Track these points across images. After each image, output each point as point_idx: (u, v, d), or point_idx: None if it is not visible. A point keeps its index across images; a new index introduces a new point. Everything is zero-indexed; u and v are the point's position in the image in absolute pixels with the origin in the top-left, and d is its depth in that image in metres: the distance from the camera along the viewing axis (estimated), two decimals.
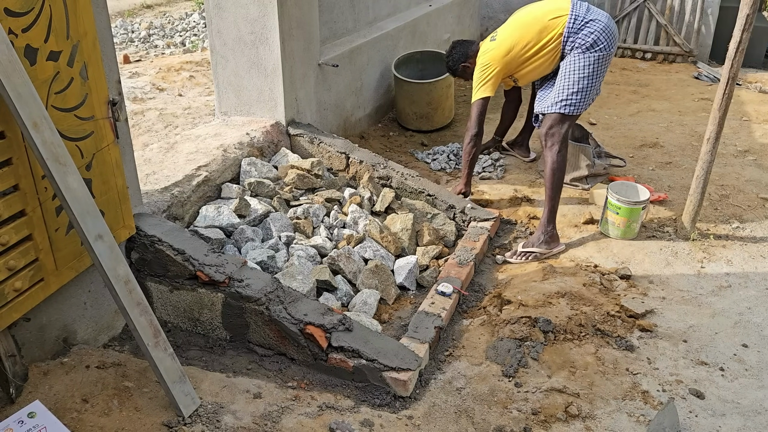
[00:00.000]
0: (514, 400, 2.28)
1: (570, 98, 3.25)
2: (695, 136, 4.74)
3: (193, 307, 2.53)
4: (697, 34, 6.77)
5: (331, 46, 4.35)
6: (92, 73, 2.06)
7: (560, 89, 3.28)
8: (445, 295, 2.78)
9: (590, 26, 3.23)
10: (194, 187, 2.99)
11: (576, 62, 3.26)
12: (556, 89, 3.31)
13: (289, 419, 2.11)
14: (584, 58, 3.24)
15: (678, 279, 3.05)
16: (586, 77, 3.24)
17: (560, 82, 3.30)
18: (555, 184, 3.30)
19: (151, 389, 2.14)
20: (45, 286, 1.99)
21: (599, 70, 3.27)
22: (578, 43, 3.25)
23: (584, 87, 3.25)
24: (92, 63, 2.06)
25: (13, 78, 1.68)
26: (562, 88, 3.27)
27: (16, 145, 1.80)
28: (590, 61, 3.23)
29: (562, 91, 3.27)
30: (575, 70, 3.26)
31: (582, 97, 3.26)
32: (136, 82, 5.58)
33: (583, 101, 3.27)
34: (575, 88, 3.24)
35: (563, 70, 3.31)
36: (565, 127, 3.28)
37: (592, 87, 3.28)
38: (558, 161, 3.27)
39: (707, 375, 2.42)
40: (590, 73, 3.24)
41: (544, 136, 3.33)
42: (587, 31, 3.23)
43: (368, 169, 3.65)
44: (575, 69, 3.26)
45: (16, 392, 1.99)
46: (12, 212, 1.84)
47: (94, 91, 2.08)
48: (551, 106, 3.30)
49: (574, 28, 3.25)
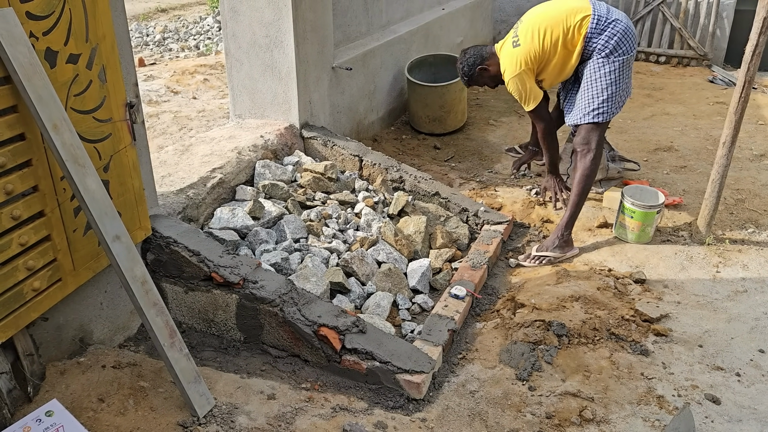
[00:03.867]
0: (527, 404, 2.27)
1: (600, 107, 3.21)
2: (710, 140, 4.71)
3: (208, 308, 2.54)
4: (712, 37, 6.73)
5: (344, 49, 4.36)
6: (110, 75, 2.08)
7: (589, 98, 3.24)
8: (459, 298, 2.78)
9: (612, 27, 3.16)
10: (209, 189, 3.01)
11: (601, 69, 3.20)
12: (585, 98, 3.26)
13: (302, 420, 2.11)
14: (609, 64, 3.18)
15: (693, 283, 3.03)
16: (613, 83, 3.19)
17: (588, 91, 3.25)
18: (583, 189, 3.28)
19: (166, 389, 2.15)
20: (63, 286, 2.01)
21: (625, 73, 3.23)
22: (601, 45, 3.18)
23: (613, 93, 3.20)
24: (110, 66, 2.08)
25: (34, 80, 1.71)
26: (592, 97, 3.23)
27: (35, 146, 1.82)
28: (615, 67, 3.18)
29: (591, 100, 3.23)
30: (601, 77, 3.20)
31: (612, 103, 3.22)
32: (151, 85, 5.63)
33: (614, 106, 3.24)
34: (604, 96, 3.20)
35: (589, 77, 3.25)
36: (599, 135, 3.26)
37: (620, 90, 3.23)
38: (591, 167, 3.26)
39: (723, 380, 2.40)
40: (616, 78, 3.19)
41: (579, 146, 3.29)
42: (609, 33, 3.16)
43: (381, 172, 3.66)
44: (600, 76, 3.21)
45: (33, 391, 2.01)
46: (31, 213, 1.86)
47: (112, 94, 2.10)
48: (584, 117, 3.26)
49: (597, 29, 3.18)
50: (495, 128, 5.14)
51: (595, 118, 3.23)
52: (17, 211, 1.80)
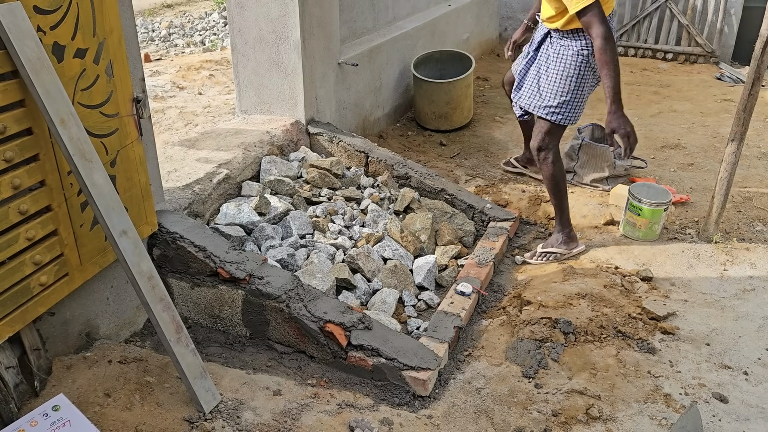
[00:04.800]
0: (534, 401, 2.26)
1: (560, 107, 3.03)
2: (717, 138, 4.68)
3: (214, 304, 2.54)
4: (720, 34, 6.68)
5: (350, 45, 4.35)
6: (117, 70, 2.08)
7: (551, 91, 3.02)
8: (465, 295, 2.77)
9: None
10: (215, 185, 3.01)
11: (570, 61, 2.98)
12: (546, 88, 3.03)
13: (308, 417, 2.11)
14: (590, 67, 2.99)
15: (700, 282, 3.02)
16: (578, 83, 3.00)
17: (551, 83, 3.02)
18: (559, 192, 3.18)
19: (172, 385, 2.15)
20: (69, 281, 2.02)
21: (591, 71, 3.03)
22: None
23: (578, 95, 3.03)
24: (118, 60, 2.08)
25: (41, 75, 1.70)
26: (554, 91, 3.01)
27: (43, 141, 1.82)
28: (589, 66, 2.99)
29: (552, 96, 3.02)
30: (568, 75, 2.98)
31: (573, 106, 3.04)
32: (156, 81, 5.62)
33: (575, 111, 3.06)
34: (567, 97, 3.01)
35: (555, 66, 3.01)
36: (557, 138, 3.12)
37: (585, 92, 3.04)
38: (555, 171, 3.14)
39: (731, 379, 2.39)
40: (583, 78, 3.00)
41: (536, 151, 3.13)
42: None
43: (387, 168, 3.65)
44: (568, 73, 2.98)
45: (40, 385, 2.01)
46: (38, 208, 1.86)
47: (119, 89, 2.10)
48: (541, 110, 3.07)
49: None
50: (501, 125, 5.13)
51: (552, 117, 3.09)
52: (24, 205, 1.80)
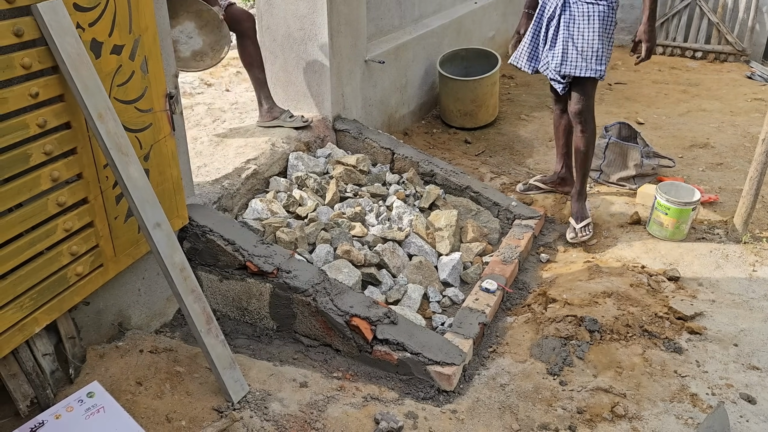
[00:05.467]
0: (558, 399, 2.27)
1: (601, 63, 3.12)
2: (748, 137, 4.61)
3: (242, 297, 2.58)
4: (751, 32, 6.58)
5: (377, 42, 4.38)
6: (152, 66, 2.13)
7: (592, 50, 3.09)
8: (490, 292, 2.78)
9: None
10: (243, 180, 3.05)
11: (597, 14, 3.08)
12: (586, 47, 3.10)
13: (334, 409, 2.14)
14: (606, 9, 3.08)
15: (729, 282, 2.99)
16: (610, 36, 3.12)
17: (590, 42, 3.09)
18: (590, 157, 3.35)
19: (201, 375, 2.20)
20: (104, 271, 2.07)
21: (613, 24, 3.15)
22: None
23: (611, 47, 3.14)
24: (152, 57, 2.12)
25: (80, 70, 1.75)
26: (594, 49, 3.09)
27: (81, 135, 1.87)
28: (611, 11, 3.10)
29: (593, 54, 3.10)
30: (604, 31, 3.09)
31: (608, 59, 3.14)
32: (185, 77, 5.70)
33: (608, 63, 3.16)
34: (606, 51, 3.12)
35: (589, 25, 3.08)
36: (594, 95, 3.24)
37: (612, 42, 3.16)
38: (594, 132, 3.31)
39: (759, 380, 2.36)
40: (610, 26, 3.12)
41: (580, 114, 3.24)
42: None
43: (413, 165, 3.66)
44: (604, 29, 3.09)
45: (74, 373, 2.07)
46: (75, 200, 1.91)
47: (153, 85, 2.15)
48: (587, 69, 3.13)
49: None
50: (526, 123, 5.11)
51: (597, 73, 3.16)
52: (62, 197, 1.85)
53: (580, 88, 3.23)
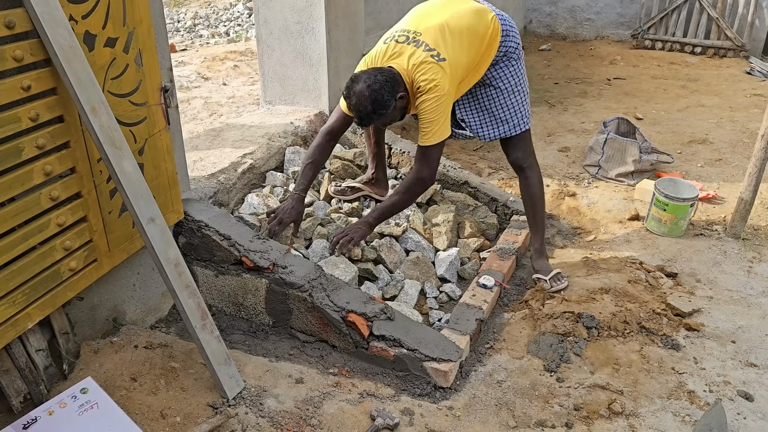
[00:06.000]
0: (555, 395, 2.26)
1: (526, 112, 2.89)
2: (747, 133, 4.60)
3: (238, 292, 2.57)
4: (751, 27, 6.56)
5: (375, 36, 4.33)
6: (146, 59, 2.10)
7: (515, 104, 2.84)
8: (487, 288, 2.77)
9: (513, 28, 2.76)
10: (239, 175, 3.03)
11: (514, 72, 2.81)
12: (510, 106, 2.83)
13: (330, 405, 2.13)
14: (514, 67, 2.80)
15: (727, 278, 2.98)
16: (523, 86, 2.86)
17: (511, 97, 2.82)
18: (543, 204, 3.03)
19: (197, 371, 2.18)
20: (98, 266, 2.05)
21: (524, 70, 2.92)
22: (509, 48, 2.74)
23: (525, 97, 2.89)
24: (147, 50, 2.10)
25: (73, 63, 1.73)
26: (517, 102, 2.84)
27: (74, 128, 1.85)
28: (519, 68, 2.83)
29: (519, 106, 2.85)
30: (518, 82, 2.83)
31: (526, 108, 2.90)
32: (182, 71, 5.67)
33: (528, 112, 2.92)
34: (525, 100, 2.88)
35: (499, 85, 2.80)
36: (531, 141, 2.98)
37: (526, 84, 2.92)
38: (540, 179, 2.98)
39: (756, 377, 2.36)
40: (523, 80, 2.87)
41: (522, 160, 2.92)
42: (514, 33, 2.75)
43: (410, 160, 3.64)
44: (517, 81, 2.83)
45: (68, 368, 2.05)
46: (69, 194, 1.89)
47: (148, 78, 2.13)
48: (513, 128, 2.86)
49: (503, 31, 2.70)
50: None
51: (527, 125, 2.90)
52: (55, 192, 1.83)
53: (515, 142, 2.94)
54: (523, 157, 2.92)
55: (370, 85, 2.45)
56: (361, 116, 2.51)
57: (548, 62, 6.80)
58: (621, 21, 7.42)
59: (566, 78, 6.21)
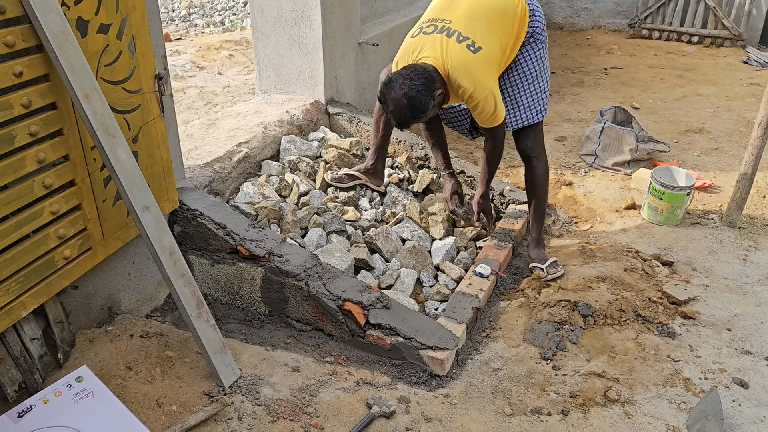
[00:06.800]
0: (551, 383, 2.26)
1: (547, 99, 2.82)
2: (743, 122, 4.60)
3: (233, 281, 2.56)
4: (748, 17, 6.55)
5: (371, 25, 4.32)
6: (140, 46, 2.08)
7: (538, 90, 2.77)
8: (483, 277, 2.76)
9: (538, 8, 2.70)
10: (235, 164, 3.02)
11: (542, 56, 2.75)
12: (533, 92, 2.77)
13: (326, 393, 2.13)
14: (540, 50, 2.72)
15: (722, 267, 2.98)
16: (546, 71, 2.78)
17: (536, 83, 2.76)
18: (546, 195, 3.02)
19: (192, 359, 2.18)
20: (93, 255, 2.04)
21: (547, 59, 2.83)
22: (539, 29, 2.68)
23: (547, 83, 2.82)
24: (140, 37, 2.08)
25: (65, 49, 1.71)
26: (540, 88, 2.77)
27: (67, 115, 1.84)
28: (544, 52, 2.75)
29: (542, 92, 2.78)
30: (543, 67, 2.76)
31: (547, 95, 2.83)
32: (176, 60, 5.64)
33: (548, 99, 2.86)
34: (547, 86, 2.82)
35: (531, 67, 2.73)
36: (542, 131, 2.93)
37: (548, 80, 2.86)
38: (547, 170, 2.95)
39: (752, 364, 2.36)
40: (546, 65, 2.79)
41: (530, 149, 2.87)
42: (539, 13, 2.69)
43: (407, 149, 3.63)
44: (544, 64, 2.77)
45: (63, 357, 2.05)
46: (62, 182, 1.88)
47: (142, 65, 2.11)
48: (534, 116, 2.79)
49: (530, 10, 2.66)
50: None
51: (542, 116, 2.83)
52: (49, 179, 1.82)
53: (527, 132, 2.88)
54: (532, 147, 2.88)
55: (406, 92, 2.41)
56: (401, 122, 2.51)
57: None
58: (618, 10, 7.39)
59: (563, 67, 6.19)
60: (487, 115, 2.58)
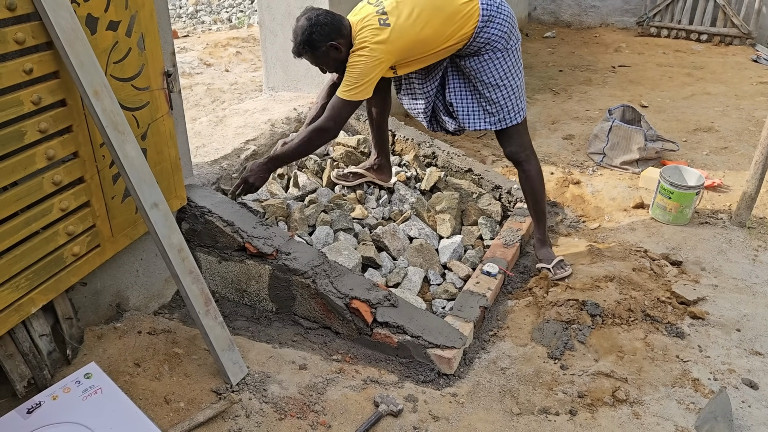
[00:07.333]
0: (559, 383, 2.25)
1: (514, 106, 2.75)
2: (753, 121, 4.57)
3: (241, 279, 2.56)
4: (757, 15, 6.50)
5: None
6: (149, 43, 2.08)
7: (499, 99, 2.72)
8: (491, 275, 2.76)
9: (500, 16, 2.60)
10: (243, 161, 3.02)
11: (498, 66, 2.67)
12: (495, 100, 2.72)
13: (333, 391, 2.13)
14: (499, 59, 2.66)
15: (732, 267, 2.96)
16: (513, 79, 2.72)
17: (495, 91, 2.70)
18: (543, 195, 2.94)
19: (200, 356, 2.18)
20: (101, 252, 2.04)
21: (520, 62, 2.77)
22: (492, 37, 2.60)
23: (518, 90, 2.75)
24: (149, 34, 2.08)
25: (75, 46, 1.71)
26: (502, 97, 2.71)
27: (76, 112, 1.84)
28: (506, 61, 2.68)
29: (505, 101, 2.73)
30: (504, 76, 2.69)
31: (519, 100, 2.78)
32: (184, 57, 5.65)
33: (521, 104, 2.80)
34: (513, 94, 2.74)
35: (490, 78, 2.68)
36: (527, 132, 2.88)
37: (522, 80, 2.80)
38: (539, 170, 2.89)
39: (761, 365, 2.35)
40: (513, 74, 2.72)
41: (516, 154, 2.83)
42: (499, 21, 2.60)
43: (414, 147, 3.63)
44: (503, 75, 2.69)
45: (72, 354, 2.05)
46: (71, 179, 1.88)
47: (151, 62, 2.11)
48: (503, 120, 2.76)
49: (485, 17, 2.57)
50: (529, 105, 5.06)
51: (521, 117, 2.79)
52: (58, 176, 1.82)
53: (509, 134, 2.83)
54: (517, 151, 2.84)
55: (309, 19, 2.54)
56: (294, 44, 2.60)
57: (552, 49, 6.75)
58: (626, 8, 7.35)
59: (571, 65, 6.17)
60: (349, 79, 2.54)
